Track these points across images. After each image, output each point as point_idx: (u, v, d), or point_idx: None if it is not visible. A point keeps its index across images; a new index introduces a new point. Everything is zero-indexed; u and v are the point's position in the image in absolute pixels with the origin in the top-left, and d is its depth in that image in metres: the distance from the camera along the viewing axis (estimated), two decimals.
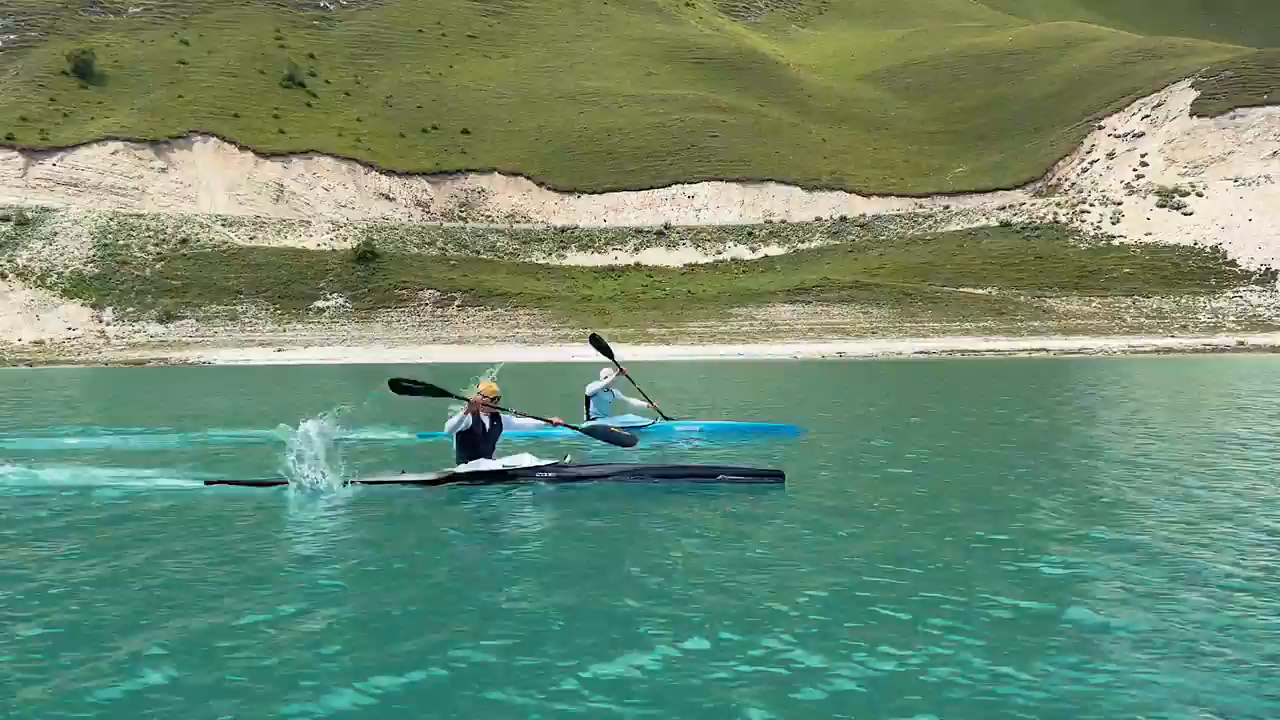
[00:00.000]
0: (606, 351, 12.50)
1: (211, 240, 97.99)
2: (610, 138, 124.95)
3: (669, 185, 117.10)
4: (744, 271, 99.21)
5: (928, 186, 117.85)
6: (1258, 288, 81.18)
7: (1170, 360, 53.05)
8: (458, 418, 8.03)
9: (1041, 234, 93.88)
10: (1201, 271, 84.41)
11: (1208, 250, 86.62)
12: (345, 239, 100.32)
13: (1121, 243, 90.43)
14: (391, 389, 8.25)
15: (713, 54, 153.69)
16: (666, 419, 12.32)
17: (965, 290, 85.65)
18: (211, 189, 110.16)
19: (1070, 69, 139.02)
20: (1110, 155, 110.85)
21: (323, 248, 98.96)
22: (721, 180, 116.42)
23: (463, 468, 8.07)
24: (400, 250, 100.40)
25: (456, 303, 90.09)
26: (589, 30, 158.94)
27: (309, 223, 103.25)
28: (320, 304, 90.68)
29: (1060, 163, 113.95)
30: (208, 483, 8.13)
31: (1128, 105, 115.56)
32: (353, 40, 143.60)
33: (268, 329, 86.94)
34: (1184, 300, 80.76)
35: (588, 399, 12.30)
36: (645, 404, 12.36)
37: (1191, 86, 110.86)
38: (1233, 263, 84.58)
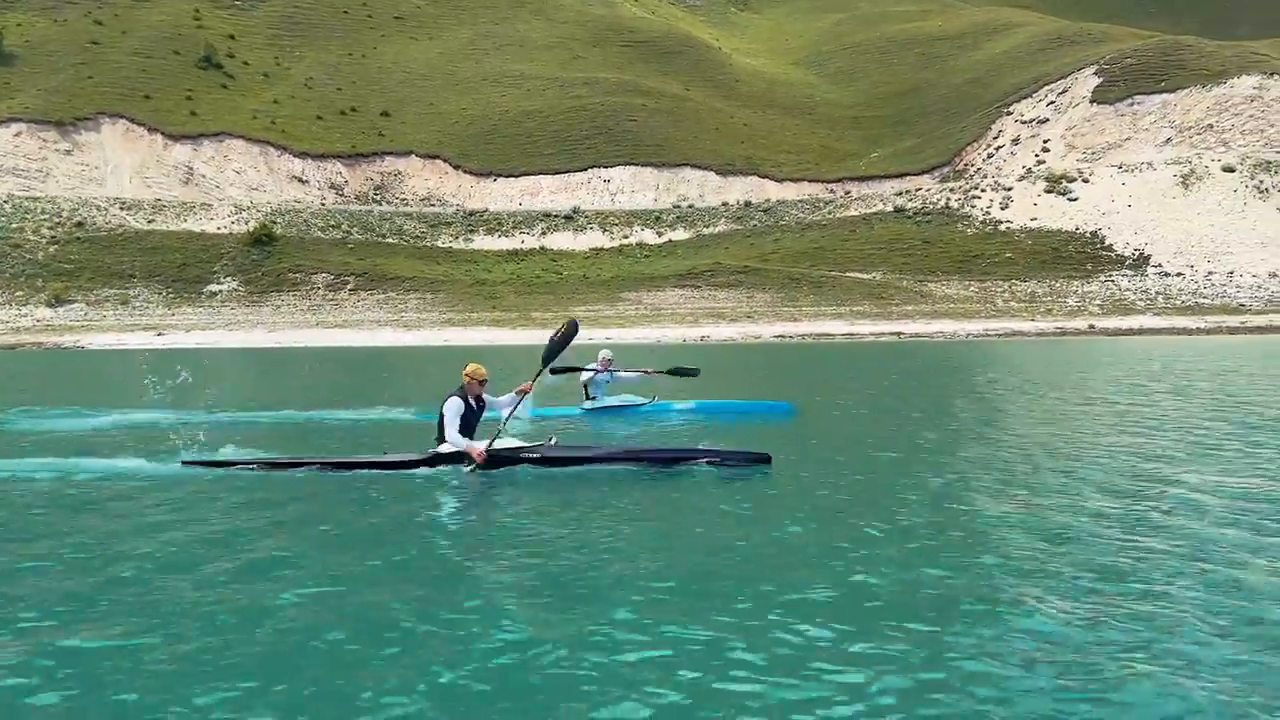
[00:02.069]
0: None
1: (108, 223, 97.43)
2: (529, 121, 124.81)
3: (585, 169, 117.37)
4: (646, 256, 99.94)
5: (840, 172, 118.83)
6: (1129, 272, 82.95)
7: (997, 343, 54.43)
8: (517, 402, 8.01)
9: (932, 219, 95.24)
10: (1079, 256, 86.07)
11: (1087, 235, 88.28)
12: (247, 222, 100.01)
13: (1008, 228, 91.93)
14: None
15: (643, 37, 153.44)
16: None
17: (851, 275, 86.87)
18: (119, 171, 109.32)
19: (992, 55, 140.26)
20: (1015, 141, 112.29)
21: (222, 231, 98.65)
22: (636, 164, 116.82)
23: (446, 448, 7.81)
24: (303, 233, 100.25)
25: (349, 286, 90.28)
26: (519, 12, 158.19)
27: (210, 206, 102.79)
28: (214, 288, 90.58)
29: (968, 148, 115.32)
30: (185, 463, 7.91)
31: (1035, 91, 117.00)
32: (275, 20, 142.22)
33: (158, 313, 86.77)
34: (1058, 284, 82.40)
35: (585, 384, 12.71)
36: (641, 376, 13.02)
37: (1095, 74, 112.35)
38: (1109, 248, 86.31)
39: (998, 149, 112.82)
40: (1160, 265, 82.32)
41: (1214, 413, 11.83)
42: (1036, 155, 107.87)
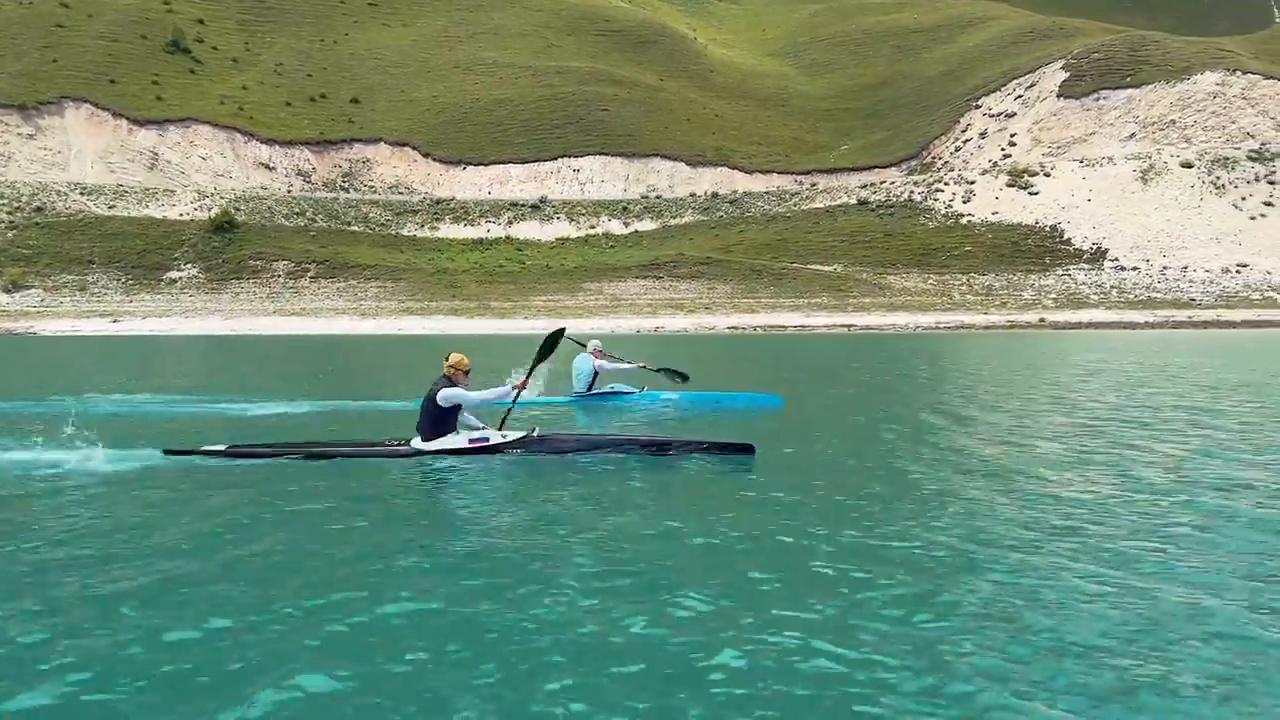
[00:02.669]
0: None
1: (68, 209, 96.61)
2: (500, 109, 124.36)
3: (555, 158, 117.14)
4: (611, 246, 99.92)
5: (810, 164, 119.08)
6: (1086, 266, 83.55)
7: (936, 336, 54.82)
8: (497, 392, 7.76)
9: (895, 212, 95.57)
10: (1038, 250, 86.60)
11: (1047, 229, 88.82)
12: (210, 209, 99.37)
13: (969, 221, 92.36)
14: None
15: (618, 26, 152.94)
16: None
17: (812, 267, 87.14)
18: (82, 156, 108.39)
19: (965, 48, 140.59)
20: (983, 135, 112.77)
21: (184, 217, 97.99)
22: (607, 154, 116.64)
23: (427, 443, 7.71)
24: (266, 220, 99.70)
25: (310, 274, 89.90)
26: (495, 0, 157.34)
27: (173, 192, 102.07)
28: (173, 274, 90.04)
29: (936, 141, 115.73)
30: (167, 452, 7.73)
31: (1004, 85, 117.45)
32: (245, 5, 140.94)
33: (116, 299, 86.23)
34: (1015, 278, 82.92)
35: (575, 371, 12.73)
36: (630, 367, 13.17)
37: (1063, 68, 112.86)
38: (1068, 242, 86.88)
39: (965, 142, 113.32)
40: (1117, 259, 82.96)
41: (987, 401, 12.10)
42: (1003, 149, 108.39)
